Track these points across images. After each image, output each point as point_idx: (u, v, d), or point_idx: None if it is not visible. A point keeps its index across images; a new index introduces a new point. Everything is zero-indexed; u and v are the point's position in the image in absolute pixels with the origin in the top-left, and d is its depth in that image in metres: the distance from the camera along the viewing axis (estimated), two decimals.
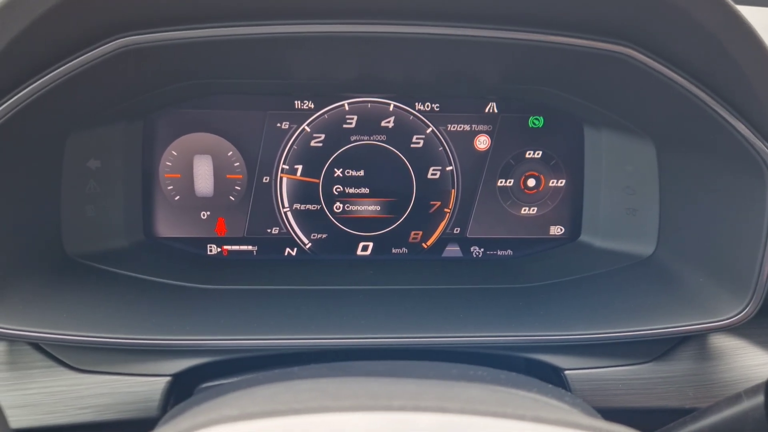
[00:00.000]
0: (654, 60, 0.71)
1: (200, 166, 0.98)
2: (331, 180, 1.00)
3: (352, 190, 1.01)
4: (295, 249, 1.02)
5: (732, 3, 0.64)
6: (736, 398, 0.61)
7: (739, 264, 0.78)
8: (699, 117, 0.75)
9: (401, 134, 1.00)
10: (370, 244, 1.03)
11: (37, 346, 0.79)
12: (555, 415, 0.39)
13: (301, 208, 1.01)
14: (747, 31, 0.66)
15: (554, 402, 0.52)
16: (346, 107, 0.99)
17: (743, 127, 0.72)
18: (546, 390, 0.57)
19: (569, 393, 0.60)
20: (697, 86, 0.72)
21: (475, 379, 0.55)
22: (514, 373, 0.61)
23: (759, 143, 0.72)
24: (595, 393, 0.80)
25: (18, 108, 0.68)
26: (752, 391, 0.61)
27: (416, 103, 0.99)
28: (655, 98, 0.80)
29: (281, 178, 1.00)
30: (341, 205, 1.01)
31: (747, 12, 0.67)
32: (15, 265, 0.79)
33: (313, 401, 0.36)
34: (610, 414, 0.60)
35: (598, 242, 1.01)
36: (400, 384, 0.48)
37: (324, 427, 0.34)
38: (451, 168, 1.01)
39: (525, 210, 1.04)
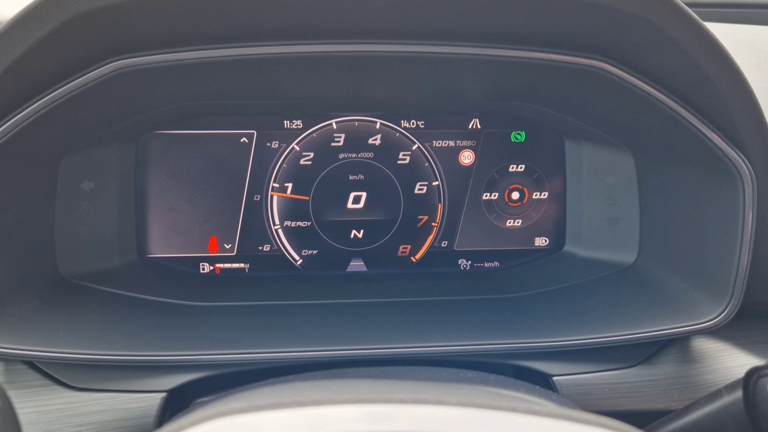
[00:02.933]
0: (627, 73, 0.74)
1: (191, 186, 1.00)
2: (320, 197, 1.02)
3: (341, 207, 1.03)
4: (287, 265, 1.04)
5: (697, 17, 0.68)
6: (717, 394, 0.64)
7: (716, 269, 0.81)
8: (674, 128, 0.78)
9: (388, 151, 1.02)
10: (360, 259, 1.05)
11: (33, 365, 0.80)
12: (546, 408, 0.41)
13: (292, 225, 1.03)
14: (715, 45, 0.70)
15: (541, 400, 0.54)
16: (334, 126, 1.01)
17: (717, 137, 0.75)
18: (533, 389, 0.58)
19: (555, 393, 0.61)
20: (670, 98, 0.75)
21: (465, 380, 0.57)
22: (502, 376, 0.62)
23: (732, 153, 0.75)
24: (582, 397, 0.82)
25: (14, 131, 0.70)
26: (732, 387, 0.63)
27: (402, 121, 1.02)
28: (630, 111, 0.83)
29: (272, 196, 1.02)
30: (331, 222, 1.03)
31: (714, 28, 0.71)
32: (9, 285, 0.79)
33: (316, 395, 0.38)
34: None
35: (582, 252, 1.03)
36: (398, 382, 0.49)
37: (327, 418, 0.36)
38: (437, 183, 1.04)
39: (510, 222, 1.06)
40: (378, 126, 1.02)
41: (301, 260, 1.04)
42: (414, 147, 1.03)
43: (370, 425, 0.37)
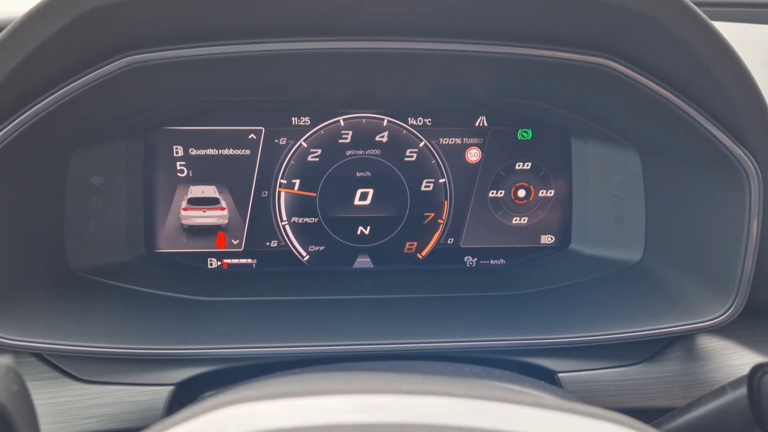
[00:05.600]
0: (634, 71, 0.74)
1: (199, 182, 1.00)
2: (327, 193, 1.03)
3: (348, 203, 1.03)
4: (294, 261, 1.05)
5: (705, 16, 0.68)
6: (721, 391, 0.64)
7: (722, 267, 0.81)
8: (681, 126, 0.78)
9: (395, 148, 1.03)
10: (367, 255, 1.05)
11: (42, 357, 0.80)
12: (555, 402, 0.42)
13: (299, 221, 1.03)
14: (722, 44, 0.70)
15: (547, 394, 0.55)
16: (342, 123, 1.02)
17: (723, 135, 0.75)
18: (538, 385, 0.59)
19: (560, 389, 0.62)
20: (677, 96, 0.75)
21: (471, 374, 0.57)
22: (507, 371, 0.63)
23: (738, 151, 0.75)
24: (587, 394, 0.82)
25: (25, 126, 0.70)
26: (736, 383, 0.63)
27: (409, 118, 1.02)
28: (637, 109, 0.83)
29: (279, 193, 1.02)
30: (338, 218, 1.04)
31: (721, 27, 0.71)
32: (20, 278, 0.80)
33: (326, 385, 0.38)
34: None
35: (588, 250, 1.04)
36: (406, 375, 0.50)
37: (338, 407, 0.37)
38: (443, 180, 1.04)
39: (516, 220, 1.07)
40: (385, 123, 1.02)
41: (308, 256, 1.05)
42: (421, 144, 1.03)
43: (379, 415, 0.37)
